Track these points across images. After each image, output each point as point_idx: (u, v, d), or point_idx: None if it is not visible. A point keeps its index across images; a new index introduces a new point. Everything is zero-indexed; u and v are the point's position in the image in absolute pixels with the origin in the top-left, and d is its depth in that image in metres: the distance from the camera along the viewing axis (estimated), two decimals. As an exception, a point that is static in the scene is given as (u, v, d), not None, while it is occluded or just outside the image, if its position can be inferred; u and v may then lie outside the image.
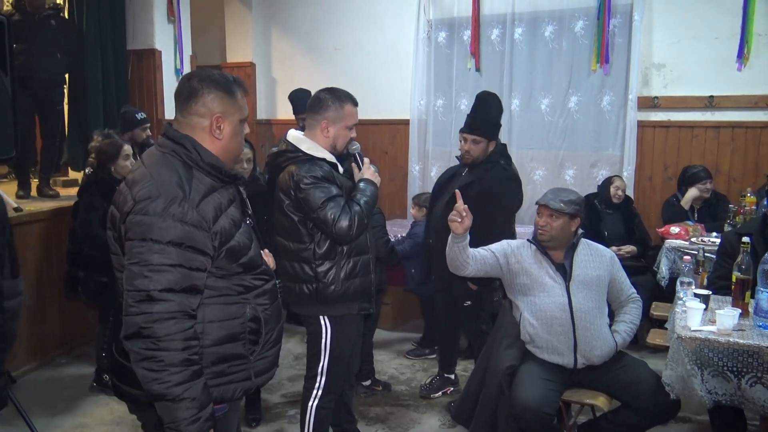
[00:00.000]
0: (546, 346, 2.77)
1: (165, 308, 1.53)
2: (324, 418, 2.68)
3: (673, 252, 4.10)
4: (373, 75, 5.72)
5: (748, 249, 2.57)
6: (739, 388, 2.31)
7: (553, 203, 2.76)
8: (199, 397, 1.57)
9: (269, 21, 6.27)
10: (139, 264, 1.54)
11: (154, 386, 1.54)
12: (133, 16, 5.26)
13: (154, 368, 1.53)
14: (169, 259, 1.54)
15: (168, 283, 1.54)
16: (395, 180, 5.79)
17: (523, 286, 2.83)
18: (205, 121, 1.69)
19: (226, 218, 1.66)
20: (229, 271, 1.68)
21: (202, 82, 1.69)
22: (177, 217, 1.55)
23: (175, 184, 1.60)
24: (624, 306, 2.91)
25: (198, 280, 1.59)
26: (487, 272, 2.90)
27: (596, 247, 2.90)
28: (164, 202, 1.55)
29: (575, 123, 5.02)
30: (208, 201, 1.62)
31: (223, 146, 1.72)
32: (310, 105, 2.60)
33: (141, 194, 1.58)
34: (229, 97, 1.70)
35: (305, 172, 2.46)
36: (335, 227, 2.40)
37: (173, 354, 1.53)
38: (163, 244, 1.54)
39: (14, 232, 3.89)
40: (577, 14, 4.93)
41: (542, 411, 2.57)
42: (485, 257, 2.87)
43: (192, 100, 1.69)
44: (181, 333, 1.55)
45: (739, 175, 4.68)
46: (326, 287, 2.52)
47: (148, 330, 1.53)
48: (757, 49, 4.51)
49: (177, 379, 1.54)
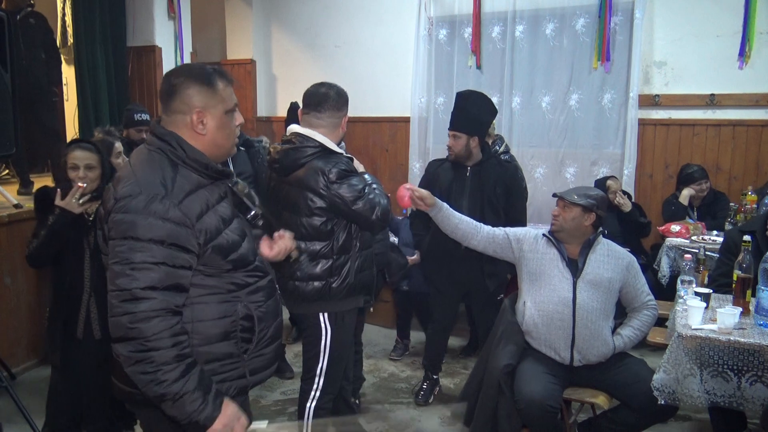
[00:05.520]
0: (543, 339, 2.79)
1: (149, 306, 1.50)
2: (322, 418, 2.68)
3: (673, 250, 4.11)
4: (374, 72, 5.71)
5: (749, 247, 2.57)
6: (739, 387, 2.31)
7: (567, 195, 2.80)
8: (198, 386, 1.56)
9: (270, 18, 6.26)
10: (120, 263, 1.51)
11: (152, 388, 1.53)
12: (134, 13, 5.24)
13: (148, 370, 1.51)
14: (151, 256, 1.51)
15: (151, 281, 1.51)
16: (396, 178, 5.78)
17: (531, 273, 2.85)
18: (187, 117, 1.65)
19: (213, 215, 1.63)
20: (219, 268, 1.65)
21: (180, 77, 1.66)
22: (159, 215, 1.52)
23: (158, 181, 1.57)
24: (638, 312, 2.86)
25: (182, 279, 1.57)
26: (496, 251, 2.97)
27: (616, 249, 2.86)
28: (145, 200, 1.53)
29: (576, 121, 5.01)
30: (193, 198, 1.60)
31: (210, 140, 1.68)
32: (330, 100, 2.51)
33: (122, 192, 1.56)
34: (209, 89, 1.66)
35: (335, 166, 2.41)
36: (374, 216, 2.41)
37: (163, 352, 1.51)
38: (145, 241, 1.51)
39: (14, 229, 3.91)
40: (578, 12, 4.91)
41: (547, 404, 2.58)
42: (495, 235, 2.95)
43: (172, 98, 1.66)
44: (168, 330, 1.52)
45: (740, 174, 4.67)
46: (342, 281, 2.50)
47: (135, 330, 1.50)
48: (758, 47, 4.50)
49: (173, 377, 1.52)
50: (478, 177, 3.43)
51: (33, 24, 4.66)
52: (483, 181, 3.42)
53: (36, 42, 4.69)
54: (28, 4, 4.74)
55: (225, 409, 1.60)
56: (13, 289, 3.91)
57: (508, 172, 3.55)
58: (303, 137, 2.49)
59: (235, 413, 1.63)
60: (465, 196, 3.42)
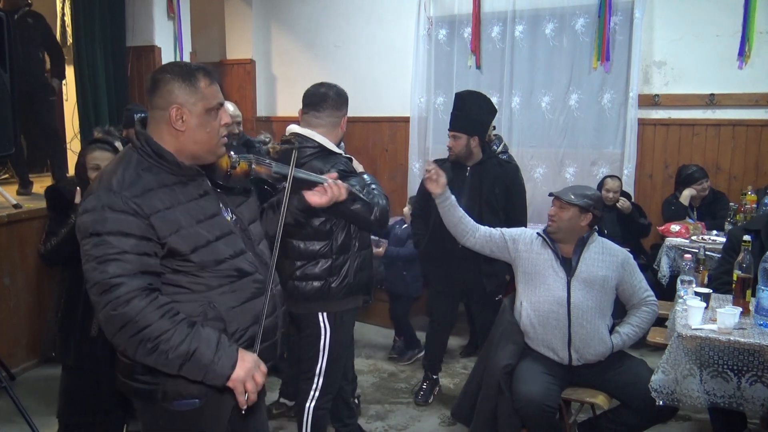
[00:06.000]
0: (540, 339, 2.79)
1: (124, 290, 1.51)
2: (321, 419, 2.66)
3: (673, 250, 4.11)
4: (374, 72, 5.71)
5: (749, 247, 2.57)
6: (739, 387, 2.30)
7: (564, 195, 2.79)
8: (206, 338, 1.56)
9: (269, 18, 6.26)
10: (89, 261, 1.54)
11: (165, 361, 1.53)
12: (133, 13, 5.25)
13: (150, 347, 1.52)
14: (111, 248, 1.52)
15: (119, 270, 1.52)
16: (395, 178, 5.78)
17: (526, 273, 2.85)
18: (166, 113, 1.64)
19: (179, 212, 1.62)
20: (184, 264, 1.63)
21: (162, 74, 1.66)
22: (109, 207, 1.54)
23: (114, 179, 1.58)
24: (637, 308, 2.84)
25: (149, 265, 1.56)
26: (492, 251, 2.96)
27: (611, 246, 2.85)
28: (96, 197, 1.56)
29: (576, 121, 5.01)
30: (152, 195, 1.59)
31: (189, 137, 1.66)
32: (330, 99, 2.51)
33: (85, 195, 1.60)
34: (189, 85, 1.64)
35: (334, 166, 2.39)
36: (373, 216, 2.40)
37: (155, 325, 1.52)
38: (105, 234, 1.53)
39: (13, 229, 3.91)
40: (578, 12, 4.91)
41: (545, 404, 2.57)
42: (492, 235, 2.94)
43: (154, 93, 1.66)
44: (150, 305, 1.52)
45: (740, 174, 4.67)
46: (341, 281, 2.50)
47: (119, 316, 1.51)
48: (758, 47, 4.50)
49: (176, 340, 1.53)
50: (478, 177, 3.43)
51: (31, 23, 4.66)
52: (482, 180, 3.43)
53: (34, 41, 4.69)
54: (26, 4, 4.74)
55: (243, 356, 1.60)
56: (12, 289, 3.90)
57: (508, 173, 3.55)
58: (302, 137, 2.48)
59: (255, 360, 1.63)
60: (464, 195, 3.42)
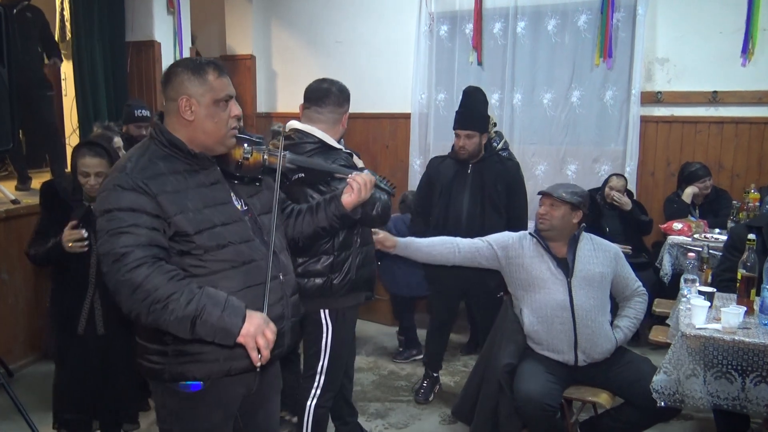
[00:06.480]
0: (546, 344, 2.76)
1: (132, 258, 1.58)
2: (322, 417, 2.65)
3: (675, 248, 4.08)
4: (375, 68, 5.67)
5: (753, 246, 2.55)
6: (743, 388, 2.29)
7: (555, 192, 2.76)
8: (213, 297, 1.61)
9: (270, 13, 6.22)
10: (102, 234, 1.63)
11: (176, 322, 1.58)
12: (133, 8, 5.21)
13: (159, 309, 1.57)
14: (121, 221, 1.61)
15: (129, 242, 1.59)
16: (396, 174, 5.75)
17: (522, 281, 2.81)
18: (176, 104, 1.73)
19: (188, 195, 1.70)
20: (186, 248, 1.69)
21: (173, 67, 1.76)
22: (120, 186, 1.64)
23: (129, 162, 1.69)
24: (629, 300, 2.87)
25: (157, 240, 1.64)
26: (481, 263, 2.90)
27: (600, 242, 2.86)
28: (110, 179, 1.68)
29: (577, 118, 4.98)
30: (165, 178, 1.68)
31: (198, 127, 1.74)
32: (332, 95, 2.50)
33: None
34: (198, 77, 1.72)
35: (334, 162, 2.38)
36: (374, 212, 2.35)
37: (163, 289, 1.57)
38: (115, 211, 1.62)
39: (12, 225, 3.89)
40: (581, 8, 4.88)
41: (544, 403, 2.55)
42: (478, 247, 2.88)
43: (166, 86, 1.76)
44: (156, 270, 1.59)
45: (743, 171, 4.65)
46: (343, 277, 2.48)
47: (127, 281, 1.57)
48: (761, 44, 4.47)
49: (185, 299, 1.58)
50: (480, 174, 3.41)
51: (30, 18, 4.63)
52: (484, 178, 3.41)
53: (33, 36, 4.66)
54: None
55: (252, 314, 1.65)
56: (10, 285, 3.88)
57: (510, 170, 3.53)
58: (302, 133, 2.47)
59: (264, 318, 1.67)
60: (466, 192, 3.40)
